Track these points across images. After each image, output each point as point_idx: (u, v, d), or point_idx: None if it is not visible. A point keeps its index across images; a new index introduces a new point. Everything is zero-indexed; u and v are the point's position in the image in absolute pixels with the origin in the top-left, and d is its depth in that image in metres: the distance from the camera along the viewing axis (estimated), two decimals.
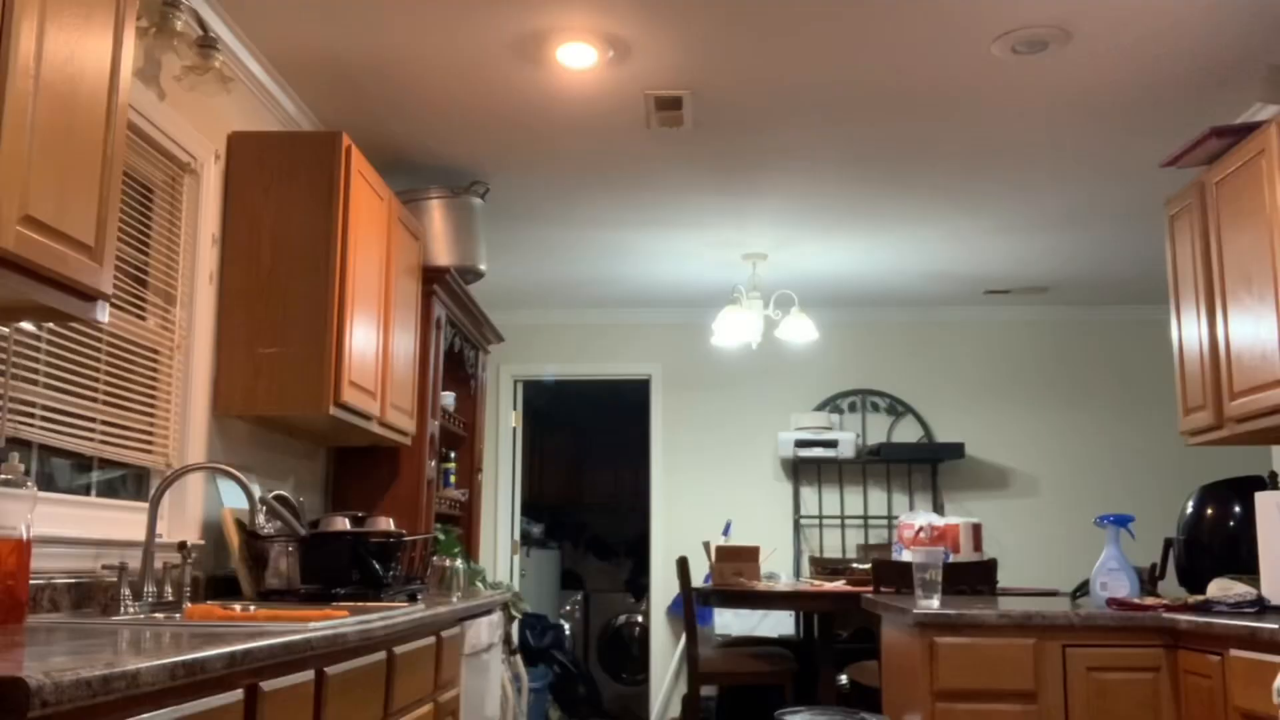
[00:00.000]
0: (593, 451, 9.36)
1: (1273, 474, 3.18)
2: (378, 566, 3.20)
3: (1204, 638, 2.80)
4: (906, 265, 6.05)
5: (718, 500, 7.00)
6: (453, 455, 4.98)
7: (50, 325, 2.51)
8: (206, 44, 3.00)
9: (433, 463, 4.38)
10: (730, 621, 6.69)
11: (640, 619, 8.42)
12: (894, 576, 4.37)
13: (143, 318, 3.03)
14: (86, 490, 2.86)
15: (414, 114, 3.99)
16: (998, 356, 7.09)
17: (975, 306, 7.04)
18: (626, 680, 8.24)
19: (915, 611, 3.07)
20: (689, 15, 3.25)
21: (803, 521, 6.99)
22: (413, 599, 3.29)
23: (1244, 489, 3.33)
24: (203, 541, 3.18)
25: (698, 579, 6.41)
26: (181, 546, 2.85)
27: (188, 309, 3.22)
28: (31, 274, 1.83)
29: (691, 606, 5.33)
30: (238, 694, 1.78)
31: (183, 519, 3.15)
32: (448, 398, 4.77)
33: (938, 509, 6.85)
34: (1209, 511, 3.51)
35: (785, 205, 4.97)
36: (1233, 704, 2.64)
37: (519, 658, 5.27)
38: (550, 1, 3.17)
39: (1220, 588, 3.07)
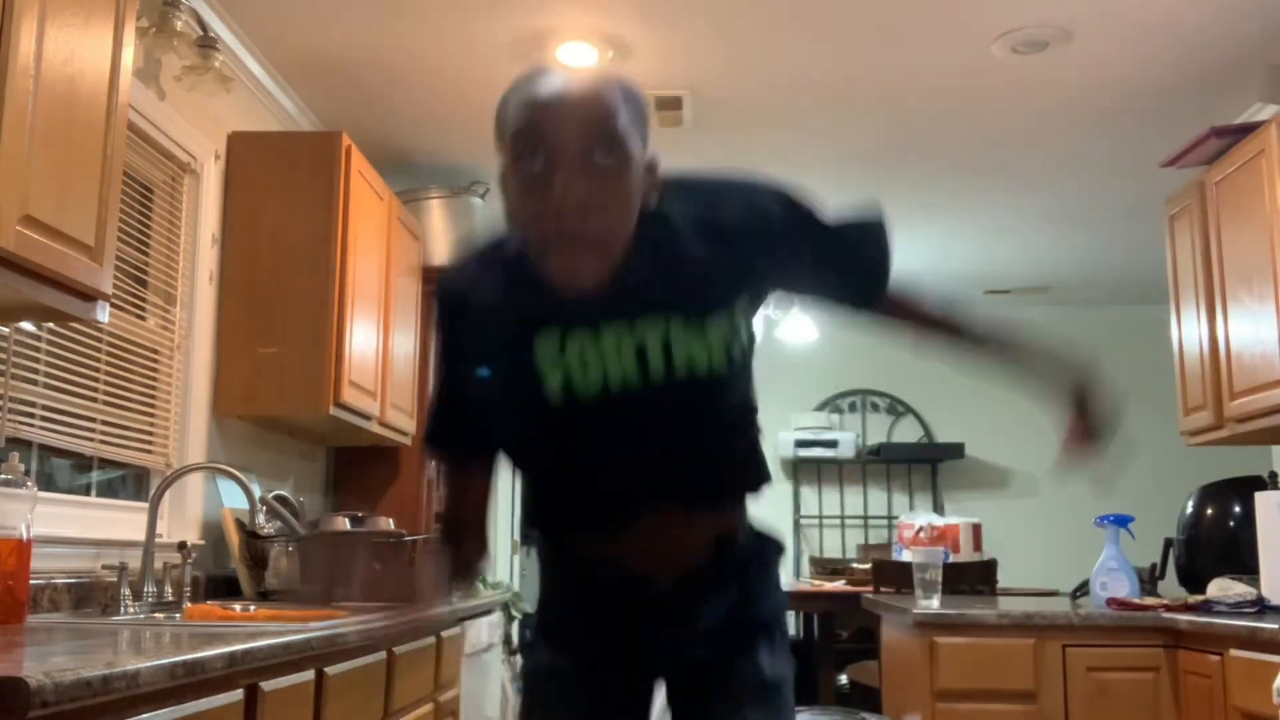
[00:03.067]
0: None
1: (1273, 474, 3.18)
2: (378, 566, 3.20)
3: (1204, 638, 2.79)
4: (907, 265, 6.02)
5: None
6: None
7: (50, 325, 2.51)
8: (206, 44, 2.99)
9: (433, 463, 4.38)
10: None
11: None
12: (894, 576, 4.37)
13: (143, 318, 3.03)
14: (86, 490, 2.86)
15: (414, 114, 3.99)
16: None
17: (975, 306, 7.02)
18: None
19: (915, 611, 3.07)
20: (689, 15, 3.25)
21: (803, 521, 6.99)
22: None
23: (1244, 489, 3.32)
24: (203, 541, 3.18)
25: None
26: (181, 546, 2.85)
27: (188, 309, 3.22)
28: (31, 274, 1.83)
29: None
30: (238, 694, 1.78)
31: (183, 519, 3.15)
32: None
33: (938, 509, 6.85)
34: (1209, 511, 3.51)
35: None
36: (1232, 704, 2.64)
37: (519, 658, 5.27)
38: (550, 1, 3.17)
39: (1220, 588, 3.07)
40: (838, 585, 5.22)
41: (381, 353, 3.78)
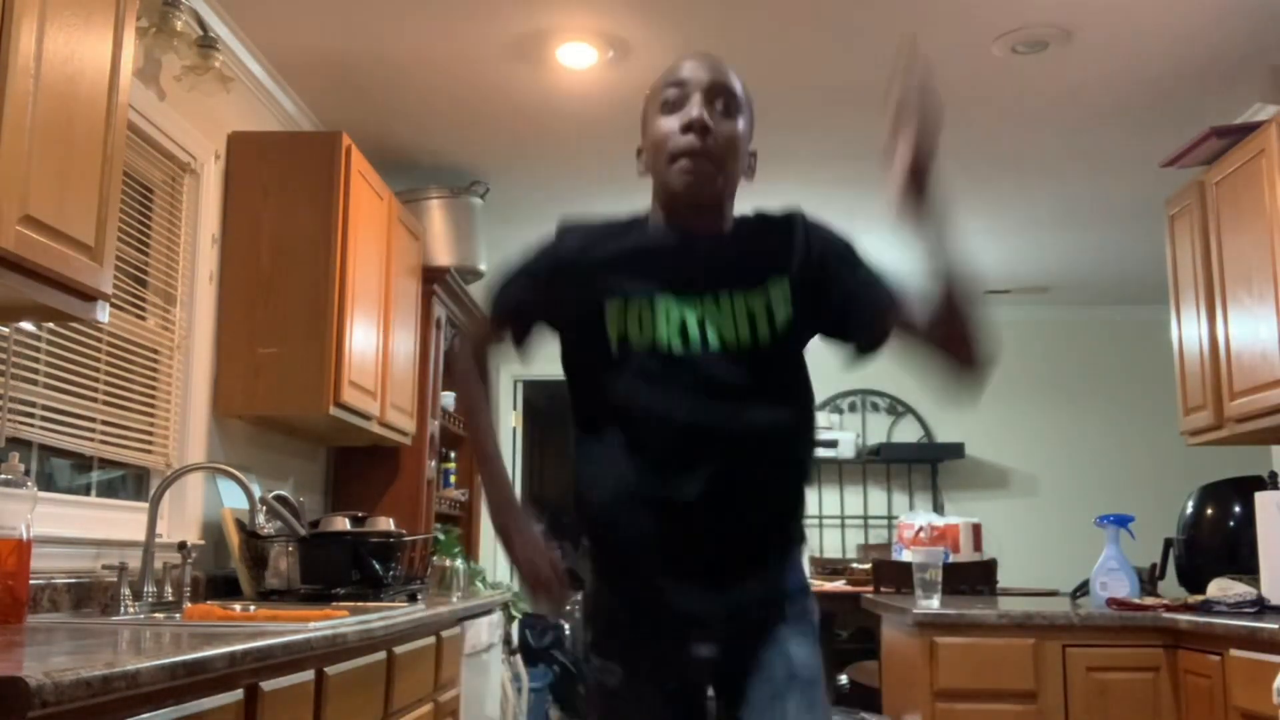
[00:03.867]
0: None
1: (1273, 474, 3.18)
2: (378, 566, 3.20)
3: (1204, 638, 2.80)
4: (906, 265, 6.04)
5: None
6: (453, 455, 4.97)
7: (50, 325, 2.51)
8: (206, 44, 2.99)
9: (433, 463, 4.38)
10: None
11: None
12: (894, 576, 4.37)
13: (143, 318, 3.03)
14: (86, 490, 2.86)
15: (414, 114, 3.99)
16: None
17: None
18: None
19: (915, 611, 3.07)
20: (689, 15, 3.25)
21: None
22: (413, 599, 3.29)
23: (1244, 489, 3.32)
24: (203, 541, 3.18)
25: None
26: (181, 546, 2.85)
27: (188, 309, 3.22)
28: (31, 274, 1.83)
29: None
30: (238, 694, 1.78)
31: (183, 519, 3.15)
32: (448, 398, 4.77)
33: (938, 509, 6.84)
34: (1209, 511, 3.51)
35: (784, 205, 4.96)
36: (1233, 704, 2.64)
37: (519, 658, 5.27)
38: (550, 1, 3.17)
39: (1220, 588, 3.07)
40: (838, 585, 5.22)
41: (381, 353, 3.78)
